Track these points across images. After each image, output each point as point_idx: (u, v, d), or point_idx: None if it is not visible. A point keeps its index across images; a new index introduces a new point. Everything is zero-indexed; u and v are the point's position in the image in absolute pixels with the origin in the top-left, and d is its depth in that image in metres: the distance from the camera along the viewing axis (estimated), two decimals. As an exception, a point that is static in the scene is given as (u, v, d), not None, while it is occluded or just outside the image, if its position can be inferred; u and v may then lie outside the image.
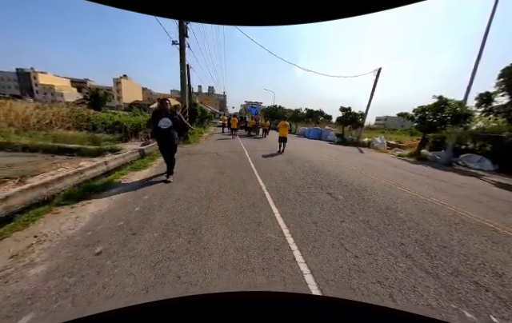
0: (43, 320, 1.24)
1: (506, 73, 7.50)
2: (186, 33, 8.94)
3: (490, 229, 3.27)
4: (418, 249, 2.51)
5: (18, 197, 2.97)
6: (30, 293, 1.57)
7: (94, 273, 1.80)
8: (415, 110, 12.22)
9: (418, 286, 1.91)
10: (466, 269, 2.23)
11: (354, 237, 2.69)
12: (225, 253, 2.17)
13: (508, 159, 9.90)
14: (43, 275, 1.74)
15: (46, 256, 1.97)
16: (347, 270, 2.05)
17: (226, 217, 2.94)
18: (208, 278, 1.82)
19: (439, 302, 1.75)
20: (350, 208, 3.64)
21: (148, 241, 2.29)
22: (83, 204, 3.07)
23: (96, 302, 1.52)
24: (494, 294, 1.90)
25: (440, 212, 3.79)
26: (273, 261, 2.10)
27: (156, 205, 3.21)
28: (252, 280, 1.83)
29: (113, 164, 5.37)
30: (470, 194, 5.22)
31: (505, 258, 2.48)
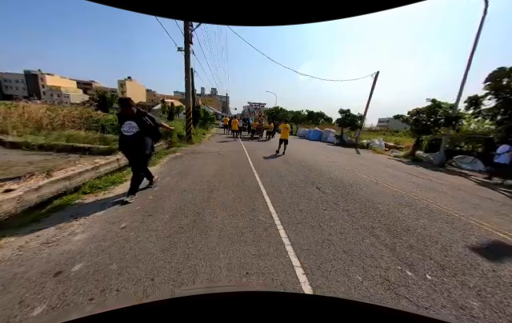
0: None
1: (492, 78, 7.92)
2: (190, 40, 9.55)
3: (454, 217, 3.75)
4: (384, 231, 3.01)
5: (47, 188, 3.54)
6: (76, 251, 2.12)
7: (122, 240, 2.34)
8: (410, 113, 12.65)
9: (375, 255, 2.42)
10: (420, 245, 2.72)
11: (332, 221, 3.20)
12: (223, 230, 2.69)
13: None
14: (84, 240, 2.29)
15: (83, 229, 2.52)
16: (320, 243, 2.56)
17: (225, 205, 3.48)
18: (209, 245, 2.34)
19: (388, 264, 2.26)
20: (335, 200, 4.15)
21: (161, 220, 2.83)
22: (104, 193, 3.63)
23: (126, 259, 2.05)
24: (436, 262, 2.39)
25: (414, 204, 4.27)
26: (262, 236, 2.62)
27: (166, 195, 3.76)
28: (242, 247, 2.35)
29: (124, 161, 5.95)
30: (448, 190, 5.68)
31: (457, 238, 2.97)
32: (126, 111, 3.26)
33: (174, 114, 18.45)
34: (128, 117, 3.23)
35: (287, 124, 10.29)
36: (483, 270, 2.31)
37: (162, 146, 9.41)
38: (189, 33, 9.36)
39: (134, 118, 3.25)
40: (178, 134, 11.37)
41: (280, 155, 9.28)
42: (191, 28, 9.56)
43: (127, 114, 3.24)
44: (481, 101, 8.78)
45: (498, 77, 7.76)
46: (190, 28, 9.51)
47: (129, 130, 3.18)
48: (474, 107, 9.03)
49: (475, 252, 2.67)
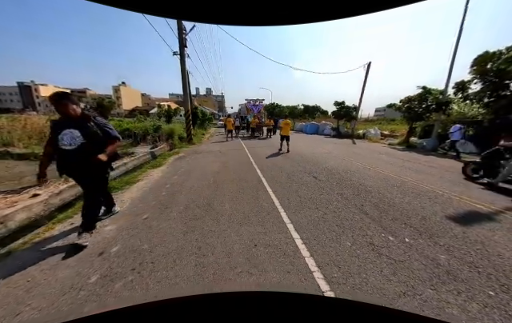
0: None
1: (478, 62, 8.30)
2: (185, 44, 9.84)
3: (437, 194, 4.17)
4: (373, 208, 3.42)
5: (67, 192, 3.92)
6: (111, 237, 2.51)
7: (146, 228, 2.74)
8: (402, 101, 13.05)
9: (364, 226, 2.83)
10: (403, 217, 3.14)
11: (327, 203, 3.60)
12: (231, 215, 3.09)
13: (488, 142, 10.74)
14: (114, 230, 2.68)
15: (110, 222, 2.90)
16: (316, 220, 2.97)
17: (230, 196, 3.87)
18: (221, 228, 2.74)
19: (374, 232, 2.67)
20: (330, 186, 4.55)
21: (177, 211, 3.22)
22: (122, 192, 4.01)
23: (154, 241, 2.44)
24: (415, 229, 2.80)
25: (402, 185, 4.69)
26: (265, 219, 3.02)
27: (176, 190, 4.14)
28: (250, 228, 2.75)
29: (131, 165, 6.32)
30: (436, 172, 6.11)
31: (436, 210, 3.39)
32: (65, 112, 2.18)
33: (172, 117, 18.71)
34: (67, 122, 2.22)
35: (288, 119, 9.80)
36: (454, 233, 2.73)
37: (165, 148, 9.77)
38: (183, 38, 9.65)
39: (76, 124, 2.24)
40: (179, 136, 11.73)
41: (282, 152, 8.91)
42: (185, 32, 9.85)
43: (66, 118, 2.21)
44: (467, 86, 9.18)
45: (482, 62, 8.15)
46: (184, 32, 9.80)
47: (70, 143, 2.20)
48: (462, 92, 9.43)
49: (450, 220, 3.09)
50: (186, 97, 10.89)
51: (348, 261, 2.14)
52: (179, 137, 11.54)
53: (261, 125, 17.43)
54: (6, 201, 3.41)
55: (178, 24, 9.49)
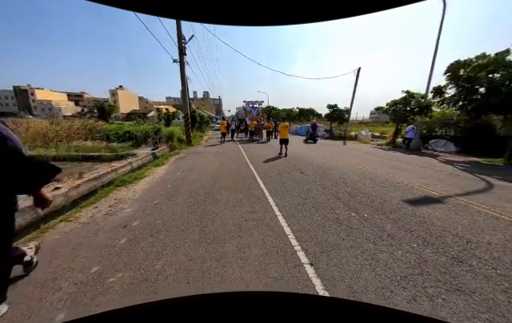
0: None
1: (451, 69, 9.17)
2: (184, 53, 10.53)
3: (402, 184, 4.89)
4: (346, 195, 4.11)
5: (84, 186, 4.52)
6: (130, 216, 3.13)
7: (158, 209, 3.37)
8: (388, 104, 13.93)
9: (334, 207, 3.50)
10: (367, 201, 3.83)
11: (308, 192, 4.28)
12: (227, 201, 3.74)
13: (466, 141, 11.63)
14: (132, 212, 3.30)
15: (127, 206, 3.52)
16: (297, 204, 3.64)
17: (227, 187, 4.52)
18: (219, 209, 3.39)
19: (341, 211, 3.35)
20: (313, 179, 5.24)
21: (182, 198, 3.86)
22: (132, 185, 4.62)
23: (165, 219, 3.07)
24: (374, 208, 3.49)
25: (375, 178, 5.41)
26: (256, 204, 3.68)
27: (180, 183, 4.78)
28: (242, 209, 3.40)
29: (135, 164, 6.92)
30: (410, 168, 6.86)
31: (396, 196, 4.09)
32: None
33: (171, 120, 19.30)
34: None
35: (286, 122, 9.53)
36: (405, 211, 3.43)
37: (165, 150, 10.37)
38: (183, 47, 10.34)
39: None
40: (178, 138, 12.34)
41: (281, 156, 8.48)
42: (184, 41, 10.55)
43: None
44: (444, 91, 10.05)
45: (455, 69, 9.01)
46: (184, 41, 10.50)
47: None
48: (439, 96, 10.30)
49: (405, 202, 3.80)
50: (186, 102, 11.54)
51: (316, 229, 2.81)
52: (178, 139, 12.15)
53: (260, 128, 16.41)
54: None
55: (178, 33, 10.19)
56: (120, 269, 2.02)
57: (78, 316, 0.47)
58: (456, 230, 2.82)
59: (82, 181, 4.62)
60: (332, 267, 2.08)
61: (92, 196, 4.17)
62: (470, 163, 8.17)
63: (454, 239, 2.60)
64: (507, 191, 4.63)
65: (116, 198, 3.86)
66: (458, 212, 3.42)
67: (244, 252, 2.29)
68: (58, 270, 2.00)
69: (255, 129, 15.81)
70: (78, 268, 2.04)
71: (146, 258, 2.17)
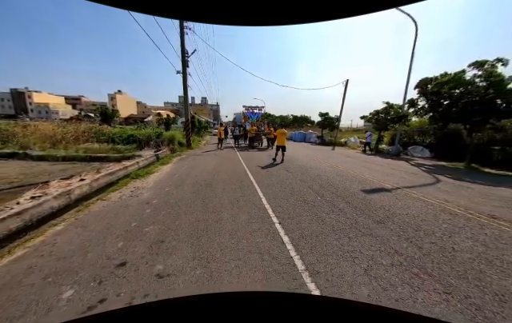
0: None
1: (420, 85, 10.54)
2: (187, 65, 11.69)
3: (367, 179, 6.00)
4: (318, 186, 5.18)
5: (102, 179, 5.48)
6: (149, 197, 4.11)
7: (169, 193, 4.36)
8: (371, 113, 15.30)
9: (306, 194, 4.55)
10: (334, 190, 4.90)
11: (289, 184, 5.33)
12: (224, 189, 4.76)
13: (439, 148, 12.98)
14: (149, 195, 4.28)
15: (145, 192, 4.50)
16: (278, 192, 4.68)
17: (224, 180, 5.54)
18: (217, 194, 4.40)
19: (310, 196, 4.40)
20: (295, 175, 6.31)
21: (187, 187, 4.86)
22: (145, 178, 5.60)
23: (177, 199, 4.06)
24: (335, 195, 4.55)
25: (346, 175, 6.52)
26: (246, 190, 4.70)
27: (184, 177, 5.77)
28: (236, 194, 4.42)
29: (142, 164, 7.88)
30: (382, 169, 8.01)
31: (357, 186, 5.17)
32: None
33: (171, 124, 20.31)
34: None
35: (284, 129, 9.47)
36: (358, 196, 4.50)
37: (167, 152, 11.34)
38: (185, 59, 11.51)
39: None
40: (179, 142, 13.34)
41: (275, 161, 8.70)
42: (187, 54, 11.73)
43: None
44: (416, 103, 11.42)
45: (423, 84, 10.36)
46: (186, 55, 11.68)
47: None
48: (413, 107, 11.67)
49: (362, 191, 4.88)
50: (187, 109, 12.62)
51: (288, 206, 3.84)
52: (179, 143, 13.15)
53: (260, 134, 15.73)
54: (61, 184, 4.94)
55: (182, 48, 11.36)
56: (150, 224, 3.01)
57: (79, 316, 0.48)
58: (389, 207, 3.90)
59: (100, 175, 5.58)
60: (293, 225, 3.11)
61: (109, 187, 5.11)
62: (435, 166, 9.40)
63: (384, 212, 3.68)
64: (448, 186, 5.79)
65: (134, 187, 4.84)
66: (398, 197, 4.52)
67: (235, 217, 3.31)
68: (109, 224, 2.98)
69: (256, 135, 15.02)
70: (122, 224, 3.02)
71: (167, 220, 3.17)
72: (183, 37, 11.27)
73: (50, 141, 12.99)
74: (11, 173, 6.53)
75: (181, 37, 11.27)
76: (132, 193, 4.41)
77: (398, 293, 1.85)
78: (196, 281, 1.93)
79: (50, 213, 3.45)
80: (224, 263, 2.19)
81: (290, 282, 1.95)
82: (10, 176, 6.23)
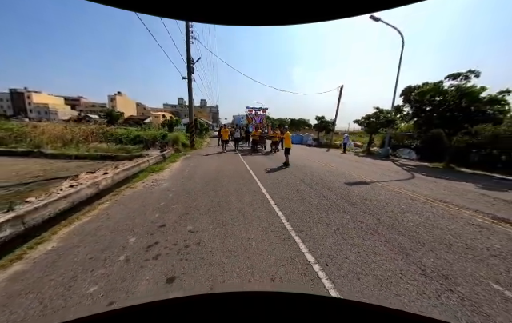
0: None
1: (404, 92, 11.59)
2: (192, 71, 12.62)
3: (352, 175, 6.93)
4: (309, 180, 6.10)
5: (122, 173, 6.33)
6: (168, 187, 4.99)
7: (184, 184, 5.24)
8: (363, 118, 16.36)
9: (298, 186, 5.46)
10: (322, 182, 5.81)
11: (284, 178, 6.24)
12: (229, 181, 5.65)
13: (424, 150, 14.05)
14: (168, 185, 5.15)
15: (164, 182, 5.37)
16: (275, 183, 5.59)
17: (228, 176, 6.44)
18: (224, 185, 5.28)
19: (301, 187, 5.31)
20: (291, 172, 7.23)
21: (198, 179, 5.74)
22: (160, 173, 6.47)
23: (190, 188, 4.93)
24: (323, 186, 5.47)
25: (336, 172, 7.46)
26: (248, 184, 5.59)
27: (193, 172, 6.66)
28: (239, 185, 5.31)
29: (151, 161, 8.74)
30: (368, 168, 8.97)
31: (342, 181, 6.09)
32: None
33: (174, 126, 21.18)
34: None
35: (288, 132, 9.18)
36: (341, 187, 5.42)
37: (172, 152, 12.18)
38: (191, 67, 12.44)
39: None
40: (182, 143, 14.22)
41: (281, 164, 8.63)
42: (193, 62, 12.67)
43: None
44: (402, 109, 12.47)
45: (407, 92, 11.41)
46: (192, 62, 12.62)
47: None
48: (399, 113, 12.72)
49: (345, 184, 5.80)
50: (191, 112, 13.52)
51: (282, 194, 4.74)
52: (182, 144, 14.02)
53: (264, 137, 15.07)
54: (88, 177, 5.79)
55: (188, 56, 12.31)
56: (175, 203, 3.89)
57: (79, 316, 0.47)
58: (364, 195, 4.83)
59: (119, 170, 6.43)
60: (285, 205, 4.01)
61: (126, 182, 5.96)
62: (417, 166, 10.41)
63: (359, 198, 4.60)
64: (420, 181, 6.75)
65: (153, 179, 5.71)
66: (374, 188, 5.46)
67: (240, 199, 4.20)
68: (143, 203, 3.85)
69: (259, 138, 14.52)
70: (153, 203, 3.89)
71: (187, 201, 4.05)
72: (189, 45, 12.21)
73: (61, 141, 13.77)
74: (33, 169, 7.33)
75: (187, 45, 12.21)
76: (153, 183, 5.28)
77: (354, 241, 2.75)
78: (217, 235, 2.81)
79: (86, 198, 4.31)
80: (234, 227, 3.07)
81: (282, 235, 2.85)
82: (34, 171, 7.04)
